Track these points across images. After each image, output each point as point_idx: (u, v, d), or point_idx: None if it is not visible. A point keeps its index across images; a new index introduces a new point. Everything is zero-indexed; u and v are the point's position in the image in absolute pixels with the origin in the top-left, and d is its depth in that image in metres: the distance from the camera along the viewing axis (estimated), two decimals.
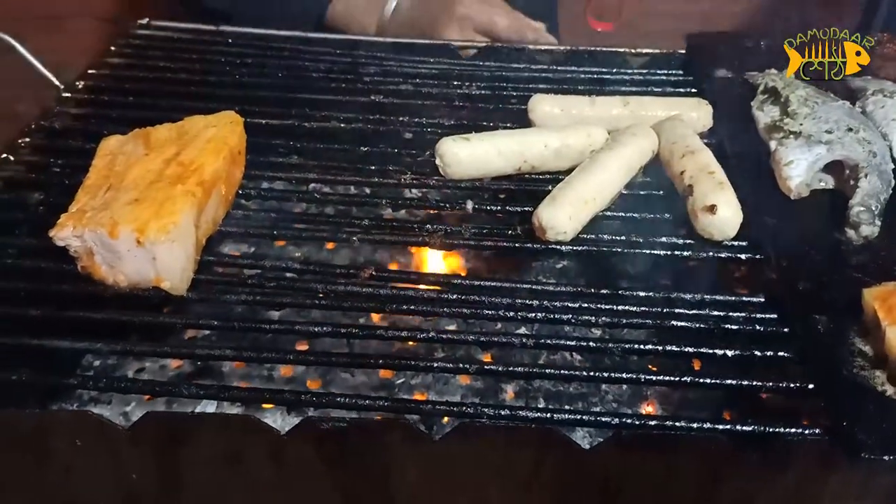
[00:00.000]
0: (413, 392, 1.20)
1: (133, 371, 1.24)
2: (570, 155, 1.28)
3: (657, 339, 1.03)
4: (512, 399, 1.21)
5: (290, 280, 1.08)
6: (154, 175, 1.10)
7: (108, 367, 1.23)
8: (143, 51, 1.63)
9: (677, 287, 1.13)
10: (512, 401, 1.21)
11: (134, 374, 1.24)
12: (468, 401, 1.18)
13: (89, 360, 1.20)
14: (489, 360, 1.19)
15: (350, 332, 1.01)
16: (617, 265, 1.23)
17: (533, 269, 1.24)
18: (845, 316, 1.01)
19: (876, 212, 1.14)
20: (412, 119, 1.44)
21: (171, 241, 1.01)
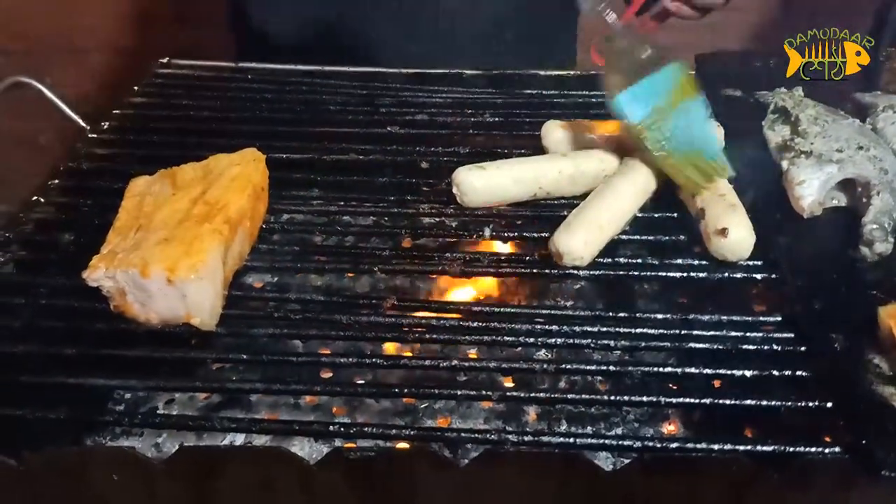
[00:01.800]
0: (437, 416, 1.22)
1: (163, 402, 1.27)
2: (583, 180, 1.31)
3: (675, 361, 1.05)
4: (534, 421, 1.23)
5: (314, 312, 1.11)
6: (182, 214, 1.14)
7: (140, 400, 1.27)
8: (166, 90, 1.68)
9: (694, 308, 1.15)
10: (534, 423, 1.22)
11: (164, 405, 1.26)
12: (492, 425, 1.20)
13: (121, 394, 1.23)
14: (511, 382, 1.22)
15: (374, 361, 1.04)
16: (634, 288, 1.25)
17: (551, 294, 1.27)
18: (862, 334, 1.03)
19: (889, 229, 1.15)
20: (428, 148, 1.47)
21: (201, 278, 1.04)
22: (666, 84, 1.32)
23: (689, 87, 1.33)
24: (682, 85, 1.32)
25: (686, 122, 1.31)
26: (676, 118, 1.30)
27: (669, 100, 1.30)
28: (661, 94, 1.30)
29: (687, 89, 1.33)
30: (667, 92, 1.31)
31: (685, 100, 1.32)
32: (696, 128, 1.32)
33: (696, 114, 1.32)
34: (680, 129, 1.29)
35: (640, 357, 1.07)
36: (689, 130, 1.30)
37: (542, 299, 1.25)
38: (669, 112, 1.29)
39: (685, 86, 1.33)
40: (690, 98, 1.32)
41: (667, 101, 1.30)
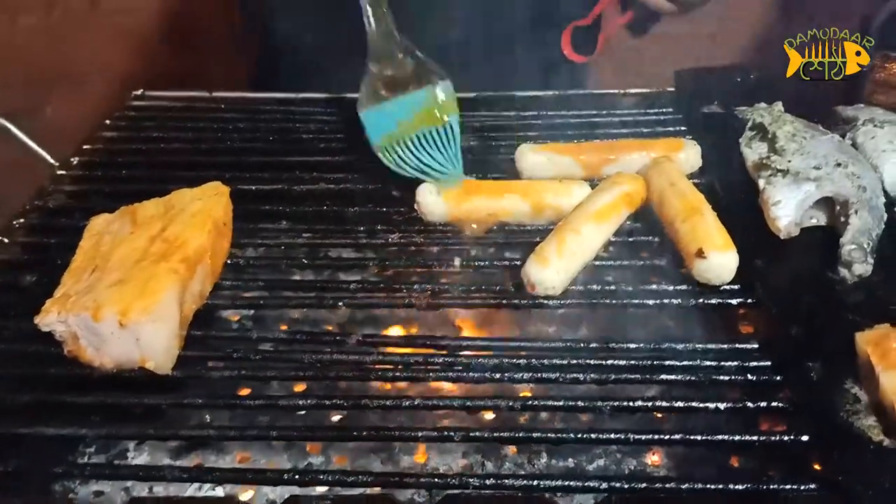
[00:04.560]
0: (413, 452, 1.19)
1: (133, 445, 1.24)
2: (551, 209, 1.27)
3: (647, 394, 1.01)
4: (514, 454, 1.19)
5: (275, 351, 1.08)
6: (139, 253, 1.11)
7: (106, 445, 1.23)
8: (138, 122, 1.66)
9: (669, 337, 1.11)
10: (514, 456, 1.19)
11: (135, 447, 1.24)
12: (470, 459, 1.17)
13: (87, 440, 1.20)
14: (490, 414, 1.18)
15: (334, 403, 1.00)
16: (608, 316, 1.21)
17: (523, 325, 1.23)
18: (840, 361, 0.98)
19: (868, 249, 1.11)
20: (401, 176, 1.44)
21: (154, 320, 1.01)
22: (411, 108, 1.35)
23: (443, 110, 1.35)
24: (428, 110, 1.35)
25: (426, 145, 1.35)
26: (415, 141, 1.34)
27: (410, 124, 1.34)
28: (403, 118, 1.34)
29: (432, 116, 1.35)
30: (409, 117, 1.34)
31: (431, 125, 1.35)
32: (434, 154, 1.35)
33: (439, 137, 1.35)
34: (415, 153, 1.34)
35: (610, 390, 1.03)
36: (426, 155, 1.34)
37: (513, 331, 1.21)
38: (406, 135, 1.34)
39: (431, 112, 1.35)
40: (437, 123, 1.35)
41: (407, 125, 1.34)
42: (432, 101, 1.35)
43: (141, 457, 1.22)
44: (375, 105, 1.35)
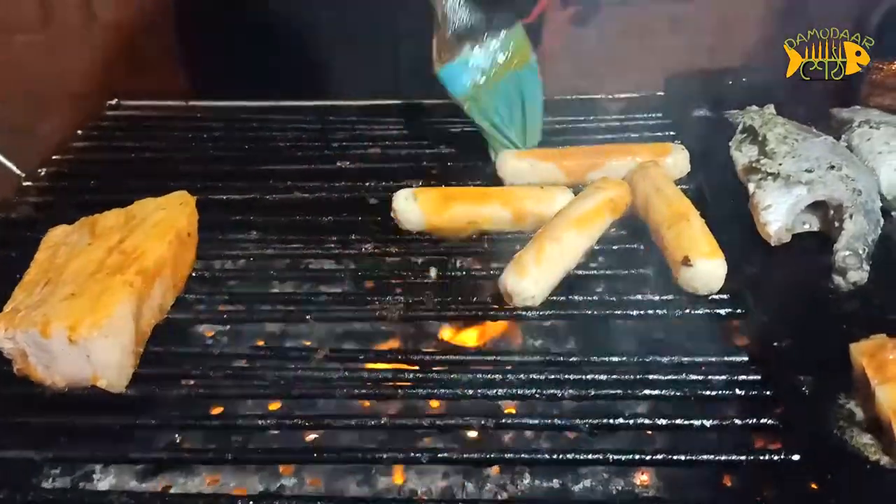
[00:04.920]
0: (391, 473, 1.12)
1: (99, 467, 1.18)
2: (532, 217, 1.22)
3: (628, 412, 0.95)
4: (496, 475, 1.13)
5: (236, 368, 1.02)
6: (94, 266, 1.06)
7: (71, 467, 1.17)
8: (110, 132, 1.61)
9: (654, 349, 1.05)
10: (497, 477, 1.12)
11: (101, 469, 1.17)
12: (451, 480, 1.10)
13: None
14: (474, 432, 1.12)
15: (296, 423, 0.94)
16: (590, 328, 1.15)
17: (501, 338, 1.17)
18: (834, 375, 0.92)
19: (863, 255, 1.05)
20: (379, 184, 1.39)
21: (105, 336, 0.96)
22: (496, 53, 1.30)
23: (521, 54, 1.32)
24: (514, 52, 1.31)
25: (512, 90, 1.32)
26: (503, 88, 1.31)
27: (497, 70, 1.30)
28: (488, 64, 1.30)
29: (517, 56, 1.32)
30: (496, 62, 1.30)
31: (515, 68, 1.31)
32: (521, 95, 1.33)
33: (525, 82, 1.32)
34: (505, 99, 1.31)
35: (590, 407, 0.97)
36: (515, 99, 1.32)
37: (489, 344, 1.15)
38: (496, 82, 1.30)
39: (515, 53, 1.32)
40: (521, 66, 1.31)
41: (494, 72, 1.30)
42: (516, 43, 1.31)
43: (107, 479, 1.16)
44: (453, 58, 1.30)
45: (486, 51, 1.30)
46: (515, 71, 1.30)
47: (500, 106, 1.32)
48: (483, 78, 1.29)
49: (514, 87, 1.32)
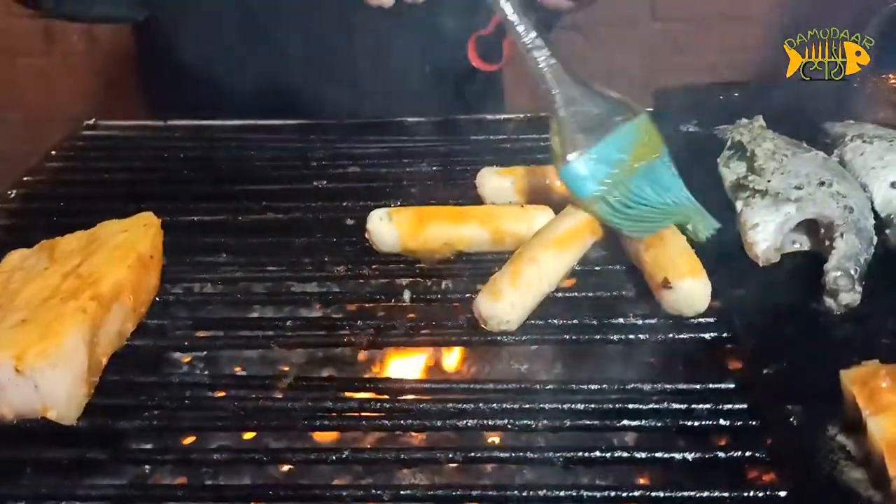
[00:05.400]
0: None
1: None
2: (511, 237, 1.17)
3: (605, 444, 0.89)
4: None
5: (196, 398, 0.97)
6: (49, 291, 1.01)
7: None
8: (85, 152, 1.58)
9: (636, 376, 1.00)
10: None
11: None
12: None
13: None
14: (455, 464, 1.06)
15: (252, 457, 0.89)
16: (569, 354, 1.10)
17: (475, 365, 1.12)
18: (824, 403, 0.87)
19: (856, 276, 1.00)
20: (356, 204, 1.35)
21: (53, 366, 0.91)
22: (622, 146, 1.13)
23: (651, 145, 1.15)
24: (641, 145, 1.14)
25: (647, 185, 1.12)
26: (634, 183, 1.12)
27: (626, 165, 1.12)
28: (615, 159, 1.12)
29: (647, 148, 1.14)
30: (623, 157, 1.12)
31: (646, 160, 1.13)
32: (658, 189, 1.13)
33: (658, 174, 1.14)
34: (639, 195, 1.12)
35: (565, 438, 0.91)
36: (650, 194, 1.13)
37: (462, 371, 1.10)
38: (625, 178, 1.12)
39: (645, 145, 1.14)
40: (651, 157, 1.14)
41: (622, 167, 1.12)
42: (643, 135, 1.15)
43: None
44: (578, 154, 1.12)
45: (610, 145, 1.13)
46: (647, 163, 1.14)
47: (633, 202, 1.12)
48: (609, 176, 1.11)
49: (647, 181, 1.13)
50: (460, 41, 1.54)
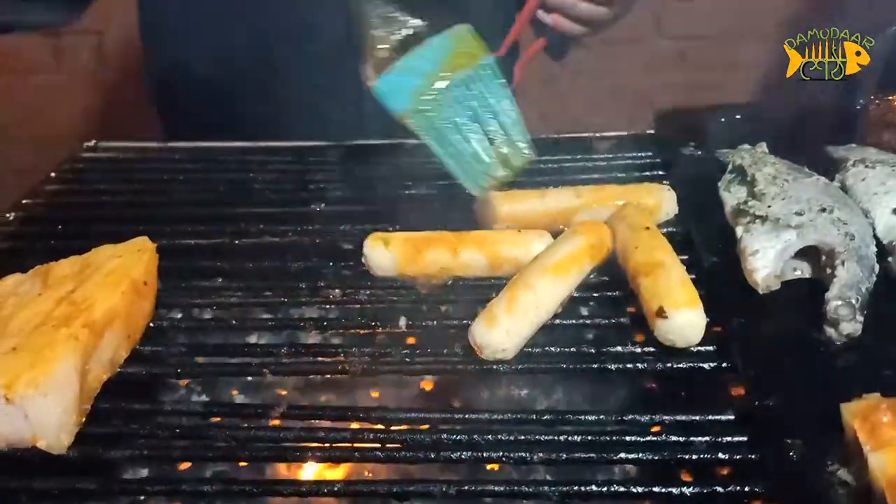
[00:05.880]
0: None
1: None
2: (508, 262, 1.16)
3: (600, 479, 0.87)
4: None
5: (187, 427, 0.96)
6: (41, 317, 1.00)
7: None
8: (85, 174, 1.58)
9: (634, 407, 0.99)
10: None
11: None
12: None
13: None
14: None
15: (244, 489, 0.87)
16: (566, 384, 1.08)
17: (470, 394, 1.10)
18: (825, 437, 0.85)
19: (857, 305, 0.98)
20: (354, 227, 1.34)
21: (43, 395, 0.90)
22: (435, 56, 1.11)
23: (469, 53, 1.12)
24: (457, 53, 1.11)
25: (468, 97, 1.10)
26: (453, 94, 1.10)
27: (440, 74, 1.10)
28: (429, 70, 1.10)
29: (465, 57, 1.12)
30: (437, 65, 1.10)
31: (464, 69, 1.11)
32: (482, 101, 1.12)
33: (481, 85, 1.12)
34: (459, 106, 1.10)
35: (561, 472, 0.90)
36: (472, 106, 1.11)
37: (458, 399, 1.08)
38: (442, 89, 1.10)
39: (462, 54, 1.12)
40: (471, 66, 1.11)
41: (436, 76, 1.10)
42: (459, 42, 1.12)
43: None
44: (388, 68, 1.12)
45: (424, 54, 1.12)
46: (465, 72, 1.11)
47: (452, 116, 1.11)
48: (423, 84, 1.09)
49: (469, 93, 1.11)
50: None
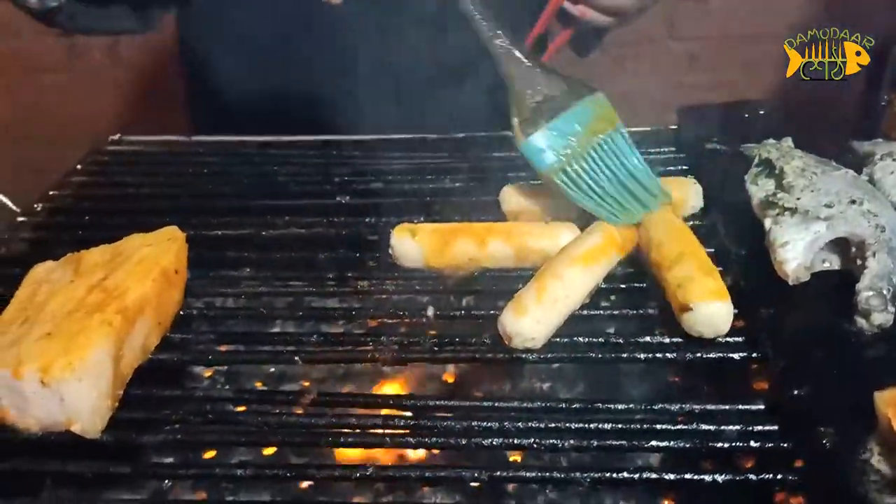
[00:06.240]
0: None
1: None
2: (536, 254, 1.16)
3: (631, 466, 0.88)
4: None
5: (217, 412, 0.96)
6: (74, 304, 1.01)
7: None
8: (110, 167, 1.59)
9: (664, 396, 0.99)
10: None
11: None
12: None
13: None
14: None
15: (276, 473, 0.88)
16: (595, 373, 1.09)
17: (500, 382, 1.11)
18: (857, 426, 0.85)
19: (888, 296, 0.98)
20: (379, 219, 1.34)
21: (79, 379, 0.91)
22: (579, 120, 1.21)
23: (608, 119, 1.23)
24: (597, 119, 1.22)
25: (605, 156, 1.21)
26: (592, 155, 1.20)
27: (583, 137, 1.20)
28: (573, 132, 1.20)
29: (603, 122, 1.22)
30: (580, 129, 1.21)
31: (601, 134, 1.21)
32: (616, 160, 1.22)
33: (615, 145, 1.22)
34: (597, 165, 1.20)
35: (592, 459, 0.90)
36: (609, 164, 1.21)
37: (487, 388, 1.09)
38: (583, 150, 1.20)
39: (601, 119, 1.22)
40: (607, 131, 1.22)
41: (580, 139, 1.20)
42: (599, 109, 1.23)
43: None
44: (536, 129, 1.21)
45: (569, 117, 1.21)
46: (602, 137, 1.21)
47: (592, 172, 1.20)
48: (569, 144, 1.19)
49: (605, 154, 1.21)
50: None
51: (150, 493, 0.93)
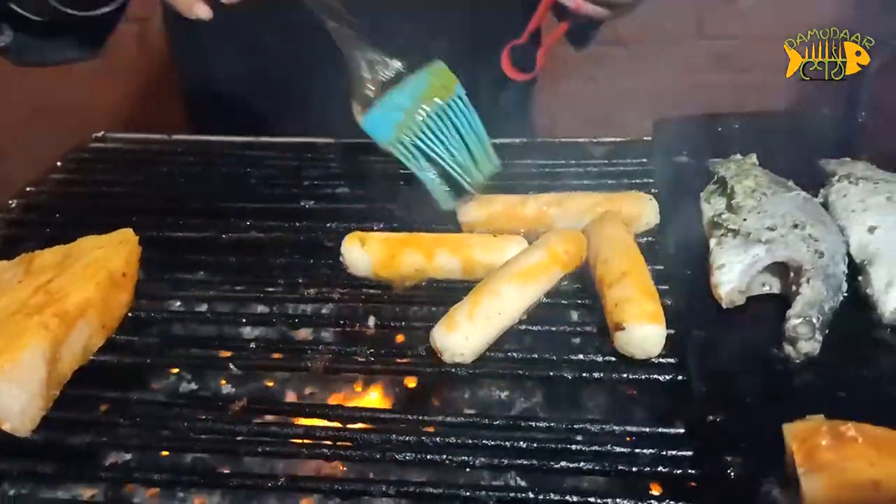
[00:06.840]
0: None
1: None
2: (482, 266, 1.16)
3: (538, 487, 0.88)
4: None
5: (146, 416, 0.99)
6: (18, 305, 1.04)
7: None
8: (89, 164, 1.62)
9: (585, 415, 0.99)
10: None
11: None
12: None
13: None
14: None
15: (191, 479, 0.90)
16: (522, 389, 1.09)
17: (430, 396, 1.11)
18: (767, 457, 0.84)
19: (817, 324, 0.96)
20: (339, 225, 1.35)
21: (8, 380, 0.94)
22: (413, 92, 1.25)
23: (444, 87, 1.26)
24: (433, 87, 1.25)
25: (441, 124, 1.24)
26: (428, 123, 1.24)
27: (418, 107, 1.24)
28: (406, 104, 1.24)
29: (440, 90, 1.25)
30: (414, 99, 1.24)
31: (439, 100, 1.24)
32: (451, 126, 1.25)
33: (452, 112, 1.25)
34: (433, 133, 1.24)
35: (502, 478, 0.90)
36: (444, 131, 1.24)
37: (415, 402, 1.09)
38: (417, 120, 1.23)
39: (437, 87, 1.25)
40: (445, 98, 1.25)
41: (413, 109, 1.24)
42: (434, 78, 1.27)
43: None
44: (372, 106, 1.26)
45: (403, 90, 1.25)
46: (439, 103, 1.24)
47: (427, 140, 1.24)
48: (403, 117, 1.23)
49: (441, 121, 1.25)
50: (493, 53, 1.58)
51: (72, 493, 0.95)
